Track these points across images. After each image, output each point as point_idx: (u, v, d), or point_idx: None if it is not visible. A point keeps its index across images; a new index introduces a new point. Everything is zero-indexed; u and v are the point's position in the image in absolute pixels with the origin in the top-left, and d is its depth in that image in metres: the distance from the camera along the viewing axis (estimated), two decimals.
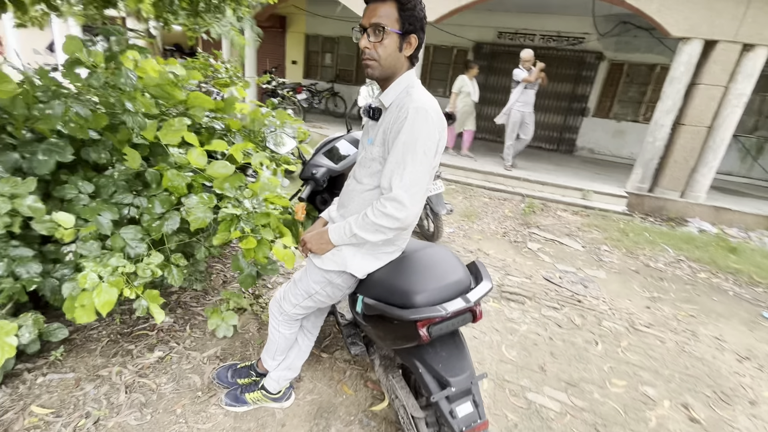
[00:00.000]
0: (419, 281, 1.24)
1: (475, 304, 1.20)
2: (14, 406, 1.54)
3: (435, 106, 1.17)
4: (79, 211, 1.69)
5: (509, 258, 3.68)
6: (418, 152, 1.13)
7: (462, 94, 6.22)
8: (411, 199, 1.15)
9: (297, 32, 10.15)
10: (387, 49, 1.16)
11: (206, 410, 1.66)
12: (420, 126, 1.12)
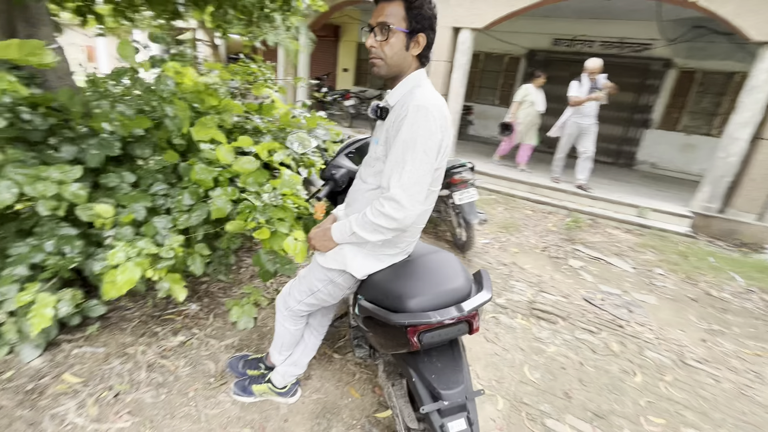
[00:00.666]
0: (414, 286, 1.19)
1: (471, 314, 1.13)
2: (51, 372, 1.70)
3: (438, 105, 1.13)
4: (119, 199, 1.85)
5: (546, 274, 3.46)
6: (417, 151, 1.10)
7: (525, 103, 5.88)
8: (410, 200, 1.11)
9: (350, 41, 10.45)
10: (393, 47, 1.15)
11: (216, 396, 1.73)
12: (420, 124, 1.09)
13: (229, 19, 4.14)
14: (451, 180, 3.29)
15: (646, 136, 7.91)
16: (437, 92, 1.21)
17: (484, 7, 5.72)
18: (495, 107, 9.21)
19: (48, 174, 1.55)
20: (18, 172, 1.49)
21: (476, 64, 9.14)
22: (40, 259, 1.70)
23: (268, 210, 1.65)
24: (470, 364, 2.17)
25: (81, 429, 1.49)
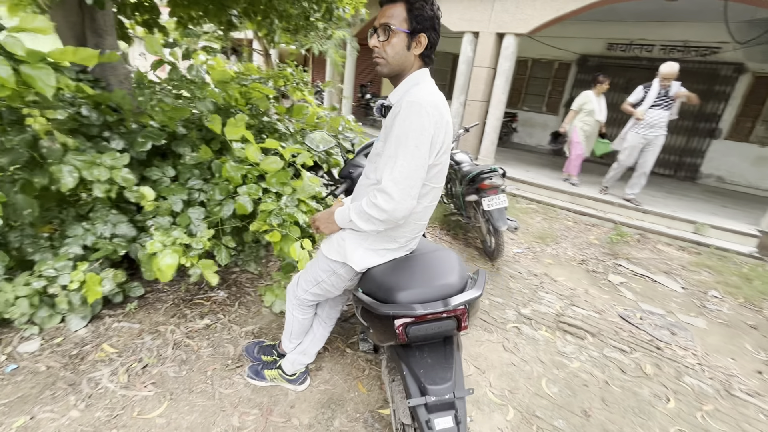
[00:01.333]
0: (406, 280, 1.21)
1: (459, 310, 1.13)
2: (93, 341, 1.91)
3: (433, 102, 1.14)
4: (160, 191, 2.04)
5: (581, 288, 3.28)
6: (409, 146, 1.12)
7: (583, 112, 5.38)
8: (400, 193, 1.14)
9: None
10: (395, 47, 1.19)
11: (231, 377, 1.84)
12: (412, 120, 1.11)
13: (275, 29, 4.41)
14: (481, 185, 3.24)
15: (712, 147, 7.24)
16: (437, 90, 1.23)
17: (529, 11, 5.59)
18: (541, 115, 8.89)
19: (102, 160, 1.76)
20: (77, 159, 1.70)
21: (523, 71, 8.90)
22: (91, 242, 1.93)
23: (282, 214, 1.75)
24: (484, 371, 2.12)
25: (111, 393, 1.66)
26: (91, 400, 1.62)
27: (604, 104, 5.44)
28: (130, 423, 1.55)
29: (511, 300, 2.91)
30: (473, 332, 2.45)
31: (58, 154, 1.65)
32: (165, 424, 1.57)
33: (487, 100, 6.40)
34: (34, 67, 1.38)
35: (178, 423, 1.58)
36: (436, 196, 1.34)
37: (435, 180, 1.27)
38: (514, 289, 3.09)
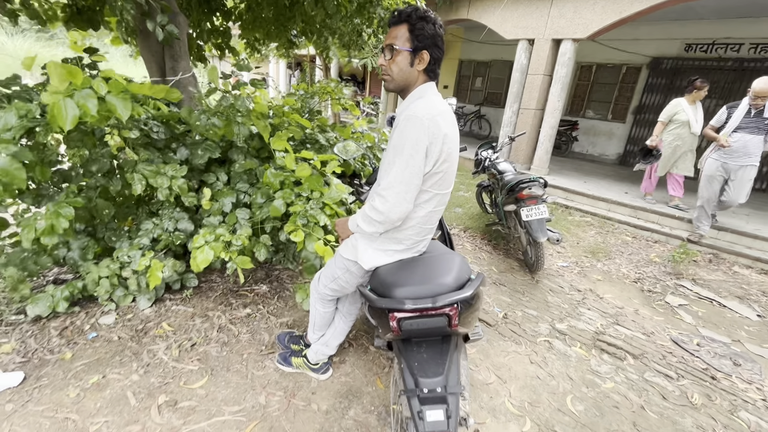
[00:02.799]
0: (404, 278, 1.30)
1: (449, 309, 1.19)
2: (155, 320, 2.23)
3: (430, 115, 1.23)
4: (215, 194, 2.34)
5: (630, 307, 3.07)
6: (404, 154, 1.22)
7: (674, 123, 4.62)
8: (395, 197, 1.25)
9: (452, 58, 10.65)
10: (399, 65, 1.30)
11: (263, 362, 2.04)
12: (409, 131, 1.21)
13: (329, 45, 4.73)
14: (519, 195, 3.19)
15: None
16: (440, 104, 1.31)
17: (588, 15, 5.35)
18: (606, 122, 8.34)
19: (165, 171, 2.08)
20: (146, 169, 2.04)
21: (587, 76, 8.46)
22: (157, 234, 2.27)
23: (306, 215, 1.93)
24: (506, 381, 2.11)
25: (164, 364, 1.94)
26: (148, 368, 1.91)
27: (701, 114, 4.61)
28: (176, 390, 1.81)
29: (546, 314, 2.82)
30: (499, 342, 2.43)
31: (131, 165, 2.00)
32: (204, 395, 1.80)
33: (542, 108, 6.20)
34: (116, 97, 1.70)
35: (215, 395, 1.81)
36: (441, 202, 1.42)
37: (438, 187, 1.35)
38: (552, 303, 2.99)
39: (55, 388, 1.74)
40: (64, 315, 2.18)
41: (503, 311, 2.79)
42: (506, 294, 3.06)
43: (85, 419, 1.62)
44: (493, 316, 2.70)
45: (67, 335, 2.06)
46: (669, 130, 4.71)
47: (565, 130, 8.24)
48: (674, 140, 4.66)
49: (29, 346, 1.96)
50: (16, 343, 1.96)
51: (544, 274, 3.47)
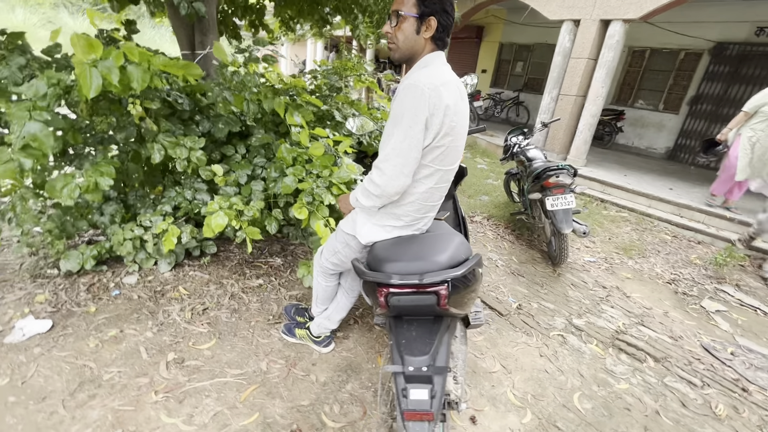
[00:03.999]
0: (397, 254, 1.26)
1: (437, 287, 1.15)
2: (172, 283, 2.35)
3: (432, 84, 1.16)
4: (232, 166, 2.39)
5: (659, 309, 2.87)
6: (403, 125, 1.17)
7: (759, 116, 3.86)
8: (392, 169, 1.21)
9: (492, 41, 10.22)
10: (404, 32, 1.24)
11: (269, 331, 2.10)
12: (408, 101, 1.16)
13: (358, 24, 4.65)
14: (545, 183, 3.03)
15: None
16: (447, 74, 1.24)
17: None
18: (657, 113, 7.73)
19: (184, 142, 2.14)
20: (166, 140, 2.10)
21: (638, 62, 7.85)
22: (178, 202, 2.36)
23: (312, 193, 1.93)
24: (511, 372, 2.05)
25: (177, 324, 2.04)
26: (162, 327, 2.01)
27: None
28: (185, 350, 1.90)
29: (564, 308, 2.70)
30: (509, 332, 2.36)
31: (153, 135, 2.07)
32: (210, 356, 1.88)
33: (584, 95, 5.83)
34: (135, 68, 1.75)
35: (220, 357, 1.88)
36: (443, 179, 1.36)
37: (439, 162, 1.29)
38: (573, 297, 2.85)
39: (77, 338, 1.88)
40: (92, 272, 2.33)
41: (518, 302, 2.70)
42: (524, 285, 2.95)
43: (100, 368, 1.74)
44: (507, 306, 2.62)
45: (93, 291, 2.21)
46: (752, 124, 3.93)
47: (610, 119, 7.72)
48: (754, 135, 3.89)
49: (60, 298, 2.12)
50: (49, 295, 2.13)
51: (567, 267, 3.32)
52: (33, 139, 1.72)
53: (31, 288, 2.17)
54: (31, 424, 1.47)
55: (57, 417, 1.50)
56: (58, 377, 1.67)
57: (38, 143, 1.73)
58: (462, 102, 1.29)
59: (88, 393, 1.62)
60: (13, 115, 1.70)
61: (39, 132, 1.72)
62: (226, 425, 1.57)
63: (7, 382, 1.62)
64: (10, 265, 2.36)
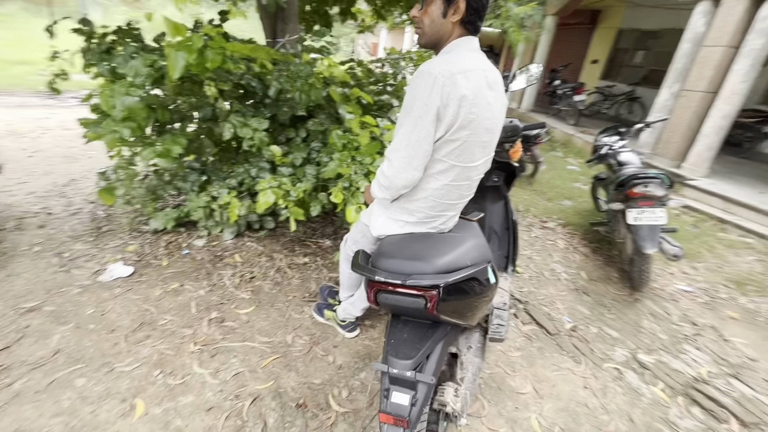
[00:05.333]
0: (400, 250, 1.20)
1: (424, 291, 1.06)
2: (231, 250, 2.61)
3: (448, 72, 1.06)
4: (291, 148, 2.54)
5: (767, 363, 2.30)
6: (412, 115, 1.10)
7: None
8: (400, 161, 1.15)
9: (608, 27, 9.01)
10: (431, 15, 1.15)
11: (303, 307, 2.21)
12: (420, 89, 1.08)
13: None
14: (629, 192, 2.61)
15: None
16: (471, 61, 1.12)
17: None
18: None
19: (250, 123, 2.33)
20: (235, 119, 2.31)
21: None
22: (243, 178, 2.59)
23: (350, 180, 1.94)
24: (543, 397, 1.85)
25: (226, 288, 2.27)
26: (213, 288, 2.26)
27: None
28: (227, 311, 2.11)
29: (631, 339, 2.32)
30: (553, 354, 2.12)
31: (225, 114, 2.29)
32: (245, 321, 2.06)
33: (714, 91, 4.82)
34: (210, 51, 1.95)
35: (254, 323, 2.05)
36: (463, 176, 1.25)
37: (455, 157, 1.19)
38: (646, 329, 2.43)
39: (148, 286, 2.22)
40: (172, 232, 2.71)
41: (574, 323, 2.40)
42: (587, 305, 2.61)
43: (158, 313, 2.03)
44: (558, 325, 2.35)
45: (169, 248, 2.57)
46: None
47: (754, 122, 6.28)
48: None
49: (144, 250, 2.52)
50: (137, 247, 2.54)
51: (649, 293, 2.83)
52: (130, 112, 2.04)
53: (127, 239, 2.62)
54: (98, 349, 1.78)
55: (118, 348, 1.80)
56: (126, 315, 1.99)
57: (134, 116, 2.05)
58: (490, 92, 1.16)
59: (145, 333, 1.90)
60: (115, 92, 2.04)
61: (135, 106, 2.03)
62: (243, 386, 1.71)
63: (91, 312, 1.99)
64: (117, 219, 2.86)
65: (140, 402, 1.57)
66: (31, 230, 2.65)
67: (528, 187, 4.80)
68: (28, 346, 1.76)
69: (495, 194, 2.16)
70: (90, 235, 2.64)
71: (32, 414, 1.48)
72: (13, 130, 4.71)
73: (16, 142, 4.33)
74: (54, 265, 2.31)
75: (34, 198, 3.11)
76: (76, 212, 2.94)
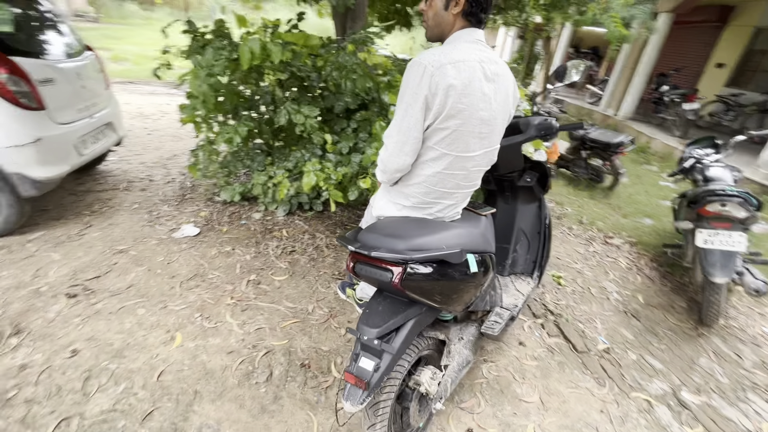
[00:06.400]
0: (382, 226, 1.27)
1: (391, 264, 1.12)
2: (280, 225, 2.90)
3: (437, 62, 1.09)
4: (341, 137, 2.73)
5: None
6: (402, 103, 1.16)
7: None
8: (392, 147, 1.22)
9: (742, 25, 7.66)
10: (434, 8, 1.20)
11: (329, 283, 2.39)
12: (410, 79, 1.13)
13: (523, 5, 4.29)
14: (701, 210, 2.28)
15: None
16: (463, 51, 1.14)
17: None
18: None
19: (302, 110, 2.58)
20: (290, 107, 2.57)
21: None
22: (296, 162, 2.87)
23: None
24: (548, 410, 1.77)
25: (268, 256, 2.56)
26: (257, 255, 2.56)
27: None
28: (264, 276, 2.38)
29: (678, 374, 2.05)
30: (573, 371, 1.98)
31: (282, 102, 2.56)
32: (276, 287, 2.30)
33: None
34: (272, 44, 2.22)
35: (283, 290, 2.28)
36: (456, 165, 1.27)
37: (446, 146, 1.22)
38: (703, 367, 2.12)
39: (207, 245, 2.60)
40: (237, 204, 3.11)
41: (609, 344, 2.19)
42: (632, 330, 2.35)
43: (209, 269, 2.38)
44: (589, 343, 2.18)
45: (231, 218, 2.96)
46: None
47: None
48: None
49: (212, 217, 2.94)
50: (207, 213, 2.97)
51: (721, 331, 2.44)
52: (204, 96, 2.42)
53: (201, 206, 3.08)
54: (159, 289, 2.17)
55: (172, 291, 2.17)
56: (186, 267, 2.38)
57: (206, 98, 2.42)
58: (487, 84, 1.17)
59: (195, 283, 2.25)
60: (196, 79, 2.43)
61: (206, 91, 2.40)
62: (261, 339, 1.93)
63: (161, 260, 2.41)
64: (198, 190, 3.37)
65: (179, 336, 1.89)
66: (135, 192, 3.26)
67: (603, 199, 4.39)
68: (112, 278, 2.22)
69: (528, 195, 2.08)
70: (175, 200, 3.16)
71: (103, 328, 1.88)
72: (141, 112, 5.75)
73: (141, 122, 5.30)
74: (144, 220, 2.83)
75: (143, 167, 3.80)
76: (170, 181, 3.53)
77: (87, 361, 1.71)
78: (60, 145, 2.55)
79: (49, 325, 1.87)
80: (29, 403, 1.51)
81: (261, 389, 1.68)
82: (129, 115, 5.46)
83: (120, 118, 3.41)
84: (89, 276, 2.22)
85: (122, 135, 3.43)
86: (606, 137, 4.36)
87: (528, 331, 2.22)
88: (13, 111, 2.28)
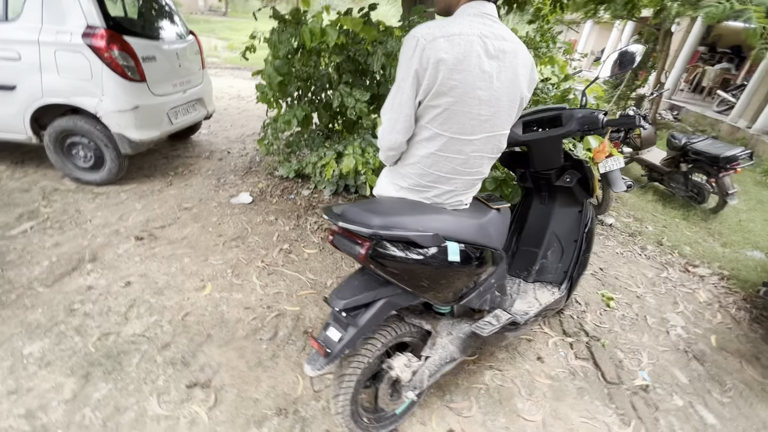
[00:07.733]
0: (371, 204, 1.26)
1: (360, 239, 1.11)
2: (323, 204, 3.03)
3: (431, 35, 1.03)
4: None
5: None
6: (397, 78, 1.14)
7: None
8: (386, 123, 1.22)
9: None
10: None
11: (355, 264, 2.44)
12: (404, 52, 1.10)
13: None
14: None
15: None
16: (465, 25, 1.06)
17: None
18: None
19: (354, 93, 2.65)
20: (343, 90, 2.66)
21: None
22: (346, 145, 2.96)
23: None
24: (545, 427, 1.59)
25: (304, 230, 2.71)
26: (295, 228, 2.73)
27: None
28: (296, 247, 2.53)
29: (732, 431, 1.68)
30: (594, 401, 1.74)
31: (336, 84, 2.66)
32: (304, 258, 2.43)
33: None
34: (329, 28, 2.32)
35: (310, 262, 2.40)
36: (451, 148, 1.20)
37: (439, 125, 1.16)
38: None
39: (255, 213, 2.85)
40: (291, 180, 3.34)
41: (651, 382, 1.88)
42: (690, 373, 1.98)
43: (251, 234, 2.61)
44: (625, 375, 1.89)
45: (282, 192, 3.19)
46: None
47: None
48: None
49: (266, 189, 3.20)
50: (263, 185, 3.25)
51: None
52: (270, 77, 2.64)
53: (261, 178, 3.37)
54: (206, 245, 2.45)
55: (216, 248, 2.43)
56: (233, 228, 2.64)
57: (270, 80, 2.64)
58: (488, 61, 1.09)
59: (236, 243, 2.49)
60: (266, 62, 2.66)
61: (270, 72, 2.61)
62: (277, 302, 2.07)
63: (215, 220, 2.71)
64: (263, 164, 3.69)
65: (210, 285, 2.12)
66: (213, 161, 3.70)
67: (700, 222, 3.72)
68: (174, 230, 2.57)
69: (567, 197, 1.87)
70: (242, 171, 3.51)
71: (155, 268, 2.20)
72: (239, 94, 6.45)
73: (237, 102, 5.95)
74: (212, 185, 3.20)
75: (226, 141, 4.28)
76: (243, 155, 3.93)
77: (134, 292, 2.02)
78: (154, 113, 3.01)
79: (117, 258, 2.25)
80: (85, 316, 1.85)
81: (263, 345, 1.81)
82: (228, 96, 6.17)
83: (210, 96, 3.88)
84: (157, 225, 2.59)
85: (211, 110, 3.90)
86: (715, 149, 3.68)
87: (551, 347, 2.01)
88: (120, 81, 2.75)
